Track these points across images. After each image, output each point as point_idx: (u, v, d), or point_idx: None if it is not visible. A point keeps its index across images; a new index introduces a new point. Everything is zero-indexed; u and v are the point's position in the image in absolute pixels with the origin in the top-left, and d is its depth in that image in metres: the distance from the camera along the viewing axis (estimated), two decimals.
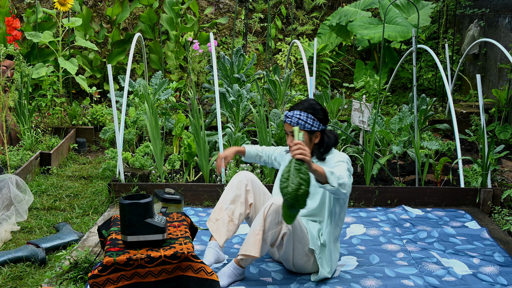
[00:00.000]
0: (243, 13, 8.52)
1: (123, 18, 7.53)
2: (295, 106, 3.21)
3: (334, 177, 2.87)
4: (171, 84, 6.06)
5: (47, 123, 6.27)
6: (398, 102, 7.61)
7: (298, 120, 3.13)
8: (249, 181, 3.34)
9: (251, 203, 3.32)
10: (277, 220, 3.02)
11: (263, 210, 3.04)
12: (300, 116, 3.14)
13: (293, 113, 3.15)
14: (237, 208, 3.27)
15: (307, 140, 3.17)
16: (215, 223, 3.27)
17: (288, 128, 3.17)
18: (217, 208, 3.30)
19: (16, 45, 6.00)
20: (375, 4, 7.77)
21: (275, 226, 3.03)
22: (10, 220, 4.00)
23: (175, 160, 4.86)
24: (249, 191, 3.33)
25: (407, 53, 6.08)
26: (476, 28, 7.47)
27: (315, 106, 3.18)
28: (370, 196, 4.52)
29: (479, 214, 4.33)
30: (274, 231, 3.03)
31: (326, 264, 3.17)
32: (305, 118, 3.14)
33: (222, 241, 3.23)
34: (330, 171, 2.87)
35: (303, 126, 3.13)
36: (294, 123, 3.13)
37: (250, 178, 3.35)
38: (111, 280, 2.71)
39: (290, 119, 3.15)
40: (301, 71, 8.23)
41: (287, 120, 3.16)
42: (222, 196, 3.33)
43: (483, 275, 3.27)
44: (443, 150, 5.35)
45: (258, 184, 3.38)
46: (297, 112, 3.15)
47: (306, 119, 3.14)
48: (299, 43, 5.54)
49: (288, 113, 3.18)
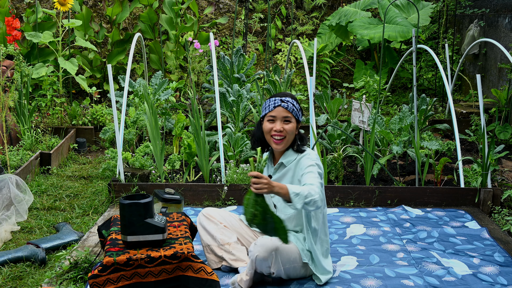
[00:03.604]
0: (243, 13, 8.52)
1: (123, 18, 7.53)
2: (281, 94, 3.15)
3: (299, 198, 2.78)
4: (171, 84, 6.06)
5: (47, 123, 6.27)
6: (398, 102, 7.61)
7: (293, 106, 3.10)
8: (208, 214, 3.33)
9: (225, 226, 3.32)
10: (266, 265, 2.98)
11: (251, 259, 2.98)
12: (294, 103, 3.11)
13: (287, 98, 3.11)
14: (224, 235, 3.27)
15: (295, 128, 3.12)
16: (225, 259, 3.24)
17: (281, 112, 3.08)
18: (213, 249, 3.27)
19: (16, 45, 6.00)
20: (375, 4, 7.76)
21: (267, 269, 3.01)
22: (10, 220, 4.00)
23: (175, 160, 4.86)
24: (219, 221, 3.32)
25: (407, 53, 6.08)
26: (476, 28, 7.47)
27: (295, 98, 3.19)
28: (370, 196, 4.52)
29: (479, 214, 4.33)
30: (266, 271, 3.02)
31: (323, 268, 3.16)
32: (298, 106, 3.13)
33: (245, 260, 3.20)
34: (295, 193, 2.77)
35: (296, 113, 3.11)
36: (290, 108, 3.08)
37: (205, 212, 3.34)
38: (111, 280, 2.71)
39: (286, 104, 3.09)
40: (301, 71, 8.23)
41: (283, 104, 3.08)
42: (205, 240, 3.30)
43: (483, 275, 3.27)
44: (443, 150, 5.35)
45: (215, 211, 3.36)
46: (290, 99, 3.11)
47: (298, 107, 3.14)
48: (299, 43, 5.54)
49: (282, 98, 3.11)
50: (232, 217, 3.40)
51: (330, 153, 5.17)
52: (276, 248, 2.95)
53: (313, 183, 2.90)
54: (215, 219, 3.32)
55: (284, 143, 3.12)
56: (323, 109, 5.98)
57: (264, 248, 2.94)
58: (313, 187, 2.86)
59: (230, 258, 3.23)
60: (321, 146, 5.25)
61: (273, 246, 2.94)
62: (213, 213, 3.34)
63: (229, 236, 3.27)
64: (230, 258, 3.23)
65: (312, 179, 2.93)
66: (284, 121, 3.10)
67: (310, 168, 3.01)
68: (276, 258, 2.97)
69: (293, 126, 3.11)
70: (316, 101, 5.98)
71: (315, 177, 2.95)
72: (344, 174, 5.08)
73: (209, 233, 3.28)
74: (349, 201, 4.52)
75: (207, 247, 3.30)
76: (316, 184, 2.90)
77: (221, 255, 3.25)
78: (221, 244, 3.25)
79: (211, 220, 3.31)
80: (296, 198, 2.78)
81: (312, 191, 2.82)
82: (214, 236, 3.27)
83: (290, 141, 3.13)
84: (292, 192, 2.78)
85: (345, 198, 4.52)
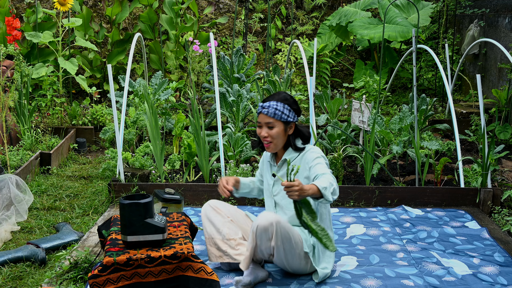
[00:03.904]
0: (243, 13, 8.52)
1: (122, 18, 7.53)
2: (270, 97, 3.19)
3: (327, 190, 2.84)
4: (171, 84, 6.06)
5: (47, 123, 6.27)
6: (398, 102, 7.61)
7: (275, 110, 3.11)
8: (215, 206, 3.32)
9: (231, 220, 3.31)
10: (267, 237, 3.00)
11: (252, 230, 3.01)
12: (277, 107, 3.12)
13: (269, 103, 3.13)
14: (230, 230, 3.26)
15: (282, 131, 3.14)
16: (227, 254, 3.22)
17: (263, 119, 3.14)
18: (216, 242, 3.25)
19: (16, 45, 6.00)
20: (375, 4, 7.77)
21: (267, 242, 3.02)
22: (10, 220, 4.00)
23: (175, 160, 4.86)
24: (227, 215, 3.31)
25: (407, 53, 6.08)
26: (476, 28, 7.47)
27: (289, 97, 3.19)
28: (370, 196, 4.52)
29: (479, 214, 4.33)
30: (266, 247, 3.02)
31: (323, 262, 3.17)
32: (282, 109, 3.12)
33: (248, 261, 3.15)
34: (323, 187, 2.83)
35: (279, 116, 3.11)
36: (271, 113, 3.10)
37: (212, 204, 3.33)
38: (111, 280, 2.71)
39: (267, 109, 3.12)
40: (301, 71, 8.23)
41: (263, 110, 3.13)
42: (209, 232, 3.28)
43: (483, 275, 3.27)
44: (443, 150, 5.35)
45: (222, 204, 3.36)
46: (273, 103, 3.13)
47: (283, 110, 3.12)
48: (299, 43, 5.54)
49: (263, 104, 3.15)
50: (238, 212, 3.40)
51: (330, 153, 5.16)
52: (277, 220, 2.98)
53: (325, 173, 2.98)
54: (222, 212, 3.30)
55: (273, 146, 3.18)
56: (323, 109, 5.99)
57: (265, 218, 2.97)
58: (328, 176, 2.94)
59: (234, 253, 3.21)
60: (321, 146, 5.25)
61: (274, 217, 2.98)
62: (220, 205, 3.33)
63: (235, 231, 3.25)
64: (234, 253, 3.21)
65: (323, 169, 3.02)
66: (268, 126, 3.15)
67: (317, 160, 3.09)
68: (277, 231, 2.98)
69: (278, 130, 3.13)
70: (316, 101, 5.98)
71: (325, 167, 3.04)
72: (344, 174, 5.08)
73: (215, 225, 3.26)
74: (349, 201, 4.52)
75: (211, 239, 3.27)
76: (328, 172, 2.99)
77: (225, 250, 3.22)
78: (226, 238, 3.23)
79: (218, 213, 3.29)
80: (326, 192, 2.84)
81: (330, 181, 2.91)
82: (219, 229, 3.25)
83: (281, 143, 3.18)
84: (321, 187, 2.83)
85: (345, 198, 4.52)
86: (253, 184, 3.48)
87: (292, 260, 3.12)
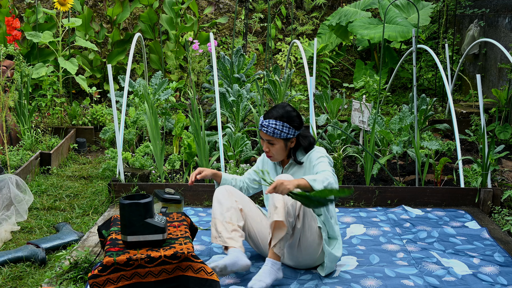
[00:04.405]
0: (243, 13, 8.52)
1: (123, 18, 7.53)
2: (270, 113, 3.22)
3: (318, 182, 2.93)
4: (171, 84, 6.06)
5: (47, 123, 6.27)
6: (398, 102, 7.61)
7: (274, 129, 3.17)
8: (230, 190, 3.32)
9: (241, 208, 3.31)
10: (290, 213, 3.05)
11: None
12: (276, 126, 3.18)
13: (268, 122, 3.19)
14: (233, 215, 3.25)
15: (282, 147, 3.22)
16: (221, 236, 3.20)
17: (264, 136, 3.23)
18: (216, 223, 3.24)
19: (16, 45, 6.00)
20: (375, 4, 7.77)
21: (288, 218, 3.05)
22: (10, 220, 4.00)
23: (175, 160, 4.86)
24: (237, 201, 3.31)
25: (407, 53, 6.08)
26: (476, 28, 7.47)
27: (291, 113, 3.22)
28: (370, 196, 4.52)
29: (479, 214, 4.33)
30: (292, 202, 3.06)
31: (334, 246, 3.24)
32: (281, 128, 3.18)
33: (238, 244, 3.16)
34: (312, 179, 2.93)
35: (279, 135, 3.18)
36: (270, 132, 3.18)
37: (229, 189, 3.33)
38: (111, 280, 2.71)
39: (266, 128, 3.19)
40: (301, 71, 8.23)
41: (263, 129, 3.20)
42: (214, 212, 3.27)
43: (483, 275, 3.27)
44: (443, 150, 5.35)
45: (239, 193, 3.37)
46: (272, 122, 3.19)
47: (282, 128, 3.19)
48: (299, 43, 5.54)
49: (263, 121, 3.21)
50: (251, 204, 3.39)
51: (330, 153, 5.17)
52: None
53: (325, 169, 3.09)
54: (234, 197, 3.29)
55: (275, 159, 3.29)
56: (323, 109, 5.99)
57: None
58: (326, 172, 3.05)
59: (227, 237, 3.16)
60: (321, 146, 5.25)
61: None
62: (235, 192, 3.34)
63: (238, 219, 3.23)
64: (226, 237, 3.16)
65: (324, 166, 3.12)
66: (268, 143, 3.23)
67: (320, 159, 3.18)
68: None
69: (279, 147, 3.22)
70: (316, 101, 5.99)
71: (327, 165, 3.14)
72: (344, 174, 5.08)
73: (222, 207, 3.24)
74: (349, 201, 4.52)
75: (213, 219, 3.25)
76: (329, 169, 3.09)
77: (220, 231, 3.19)
78: (226, 221, 3.20)
79: (229, 197, 3.27)
80: (315, 183, 2.92)
81: (326, 175, 3.00)
82: (223, 212, 3.22)
83: (282, 156, 3.27)
84: (309, 179, 2.93)
85: (345, 198, 4.52)
86: (235, 181, 3.49)
87: (311, 232, 3.15)
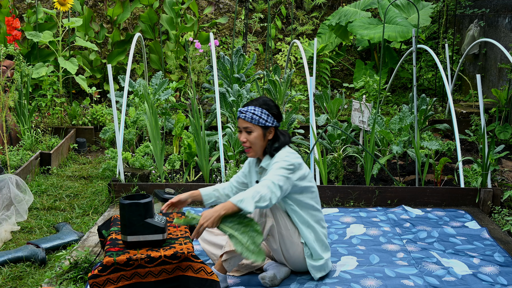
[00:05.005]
0: (243, 13, 8.52)
1: (123, 18, 7.53)
2: (249, 102, 3.18)
3: (246, 201, 2.83)
4: (171, 84, 6.06)
5: (47, 123, 6.27)
6: (398, 102, 7.61)
7: (253, 115, 3.09)
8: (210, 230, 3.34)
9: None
10: (261, 212, 3.03)
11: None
12: (255, 111, 3.10)
13: (247, 108, 3.12)
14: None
15: (261, 136, 3.11)
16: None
17: (242, 124, 3.13)
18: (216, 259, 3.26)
19: (16, 45, 6.00)
20: (375, 4, 7.77)
21: (260, 219, 3.04)
22: (10, 220, 4.00)
23: (175, 160, 4.86)
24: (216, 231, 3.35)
25: (407, 53, 6.08)
26: (476, 28, 7.47)
27: (269, 102, 3.17)
28: (370, 196, 4.52)
29: (479, 214, 4.33)
30: (260, 223, 3.03)
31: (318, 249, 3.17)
32: (260, 113, 3.10)
33: None
34: (239, 200, 2.82)
35: (257, 121, 3.09)
36: (248, 117, 3.09)
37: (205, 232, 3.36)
38: (111, 280, 2.71)
39: (245, 114, 3.11)
40: (301, 71, 8.23)
41: (241, 115, 3.12)
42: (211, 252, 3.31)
43: (483, 275, 3.27)
44: (443, 150, 5.35)
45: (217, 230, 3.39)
46: (251, 108, 3.12)
47: (261, 114, 3.10)
48: (299, 43, 5.54)
49: (242, 108, 3.14)
50: None
51: (330, 153, 5.17)
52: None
53: (264, 179, 2.96)
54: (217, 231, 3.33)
55: (253, 152, 3.16)
56: (323, 109, 5.98)
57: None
58: (261, 183, 2.93)
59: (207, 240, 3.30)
60: (321, 146, 5.25)
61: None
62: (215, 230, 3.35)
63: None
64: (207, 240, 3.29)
65: (267, 176, 2.98)
66: (246, 131, 3.13)
67: (276, 164, 3.04)
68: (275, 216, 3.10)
69: (257, 135, 3.10)
70: (316, 101, 5.98)
71: (272, 174, 2.98)
72: (344, 174, 5.08)
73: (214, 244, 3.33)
74: (349, 201, 4.52)
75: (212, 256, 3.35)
76: (269, 178, 2.95)
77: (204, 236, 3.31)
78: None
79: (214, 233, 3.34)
80: (243, 204, 2.82)
81: (258, 188, 2.89)
82: (219, 244, 3.30)
83: (260, 149, 3.15)
84: (235, 201, 2.83)
85: (345, 198, 4.52)
86: (218, 192, 3.36)
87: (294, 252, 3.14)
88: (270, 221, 3.05)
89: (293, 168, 3.05)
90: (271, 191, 2.91)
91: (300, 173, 3.10)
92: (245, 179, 3.38)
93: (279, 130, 3.19)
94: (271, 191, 2.91)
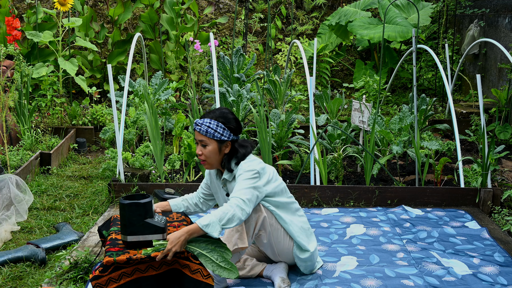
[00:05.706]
0: (243, 13, 8.52)
1: (124, 18, 7.53)
2: (207, 113, 3.08)
3: (212, 226, 2.77)
4: (171, 84, 6.06)
5: (47, 123, 6.27)
6: (398, 102, 7.61)
7: (208, 128, 3.00)
8: None
9: None
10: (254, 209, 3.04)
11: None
12: (210, 125, 3.01)
13: (203, 121, 3.03)
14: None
15: (216, 150, 3.03)
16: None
17: (197, 136, 3.05)
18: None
19: (16, 45, 6.00)
20: (375, 4, 7.77)
21: (254, 215, 3.04)
22: (10, 220, 4.00)
23: (175, 160, 4.86)
24: None
25: (407, 53, 6.08)
26: (476, 28, 7.48)
27: (227, 115, 3.06)
28: (370, 196, 4.52)
29: (479, 214, 4.33)
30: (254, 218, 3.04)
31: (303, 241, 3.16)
32: (215, 127, 3.01)
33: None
34: (205, 225, 2.75)
35: (212, 135, 3.01)
36: (203, 131, 3.00)
37: None
38: (113, 279, 2.72)
39: (200, 127, 3.01)
40: (301, 71, 8.23)
41: (196, 127, 3.02)
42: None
43: (483, 275, 3.27)
44: (443, 150, 5.35)
45: None
46: (207, 120, 3.02)
47: (216, 128, 3.01)
48: (299, 43, 5.54)
49: (198, 120, 3.05)
50: None
51: (330, 153, 5.17)
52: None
53: (232, 197, 2.91)
54: None
55: (208, 165, 3.09)
56: (323, 109, 5.99)
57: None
58: (229, 203, 2.88)
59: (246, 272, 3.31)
60: (321, 146, 5.25)
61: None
62: None
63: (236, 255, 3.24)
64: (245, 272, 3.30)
65: (234, 193, 2.93)
66: (201, 144, 3.05)
67: (238, 178, 3.00)
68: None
69: (211, 149, 3.02)
70: (316, 101, 5.98)
71: (238, 189, 2.94)
72: (344, 174, 5.08)
73: None
74: (349, 201, 4.52)
75: None
76: (236, 195, 2.90)
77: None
78: None
79: None
80: (210, 228, 2.76)
81: (224, 209, 2.83)
82: None
83: (215, 162, 3.07)
84: (202, 225, 2.76)
85: (345, 198, 4.52)
86: (187, 202, 3.31)
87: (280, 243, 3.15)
88: (262, 214, 3.04)
89: (258, 175, 3.00)
90: (240, 209, 2.86)
91: (266, 177, 3.06)
92: (208, 190, 3.32)
93: (238, 142, 3.09)
94: (240, 208, 2.86)
